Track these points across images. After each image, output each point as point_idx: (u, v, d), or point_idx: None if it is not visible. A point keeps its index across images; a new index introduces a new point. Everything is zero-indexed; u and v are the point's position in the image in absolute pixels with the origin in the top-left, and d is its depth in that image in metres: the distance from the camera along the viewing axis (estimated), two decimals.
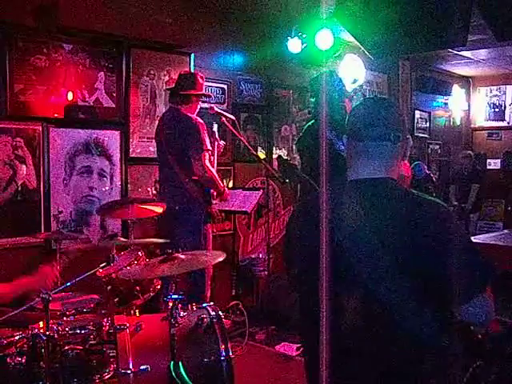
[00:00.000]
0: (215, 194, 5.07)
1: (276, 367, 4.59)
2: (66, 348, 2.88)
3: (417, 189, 2.07)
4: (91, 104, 5.27)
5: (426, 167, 8.85)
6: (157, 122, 5.36)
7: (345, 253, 1.86)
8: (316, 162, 3.97)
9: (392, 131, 1.97)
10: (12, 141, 4.75)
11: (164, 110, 5.47)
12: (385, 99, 2.17)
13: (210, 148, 4.96)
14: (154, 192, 5.68)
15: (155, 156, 5.28)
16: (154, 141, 5.29)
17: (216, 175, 4.97)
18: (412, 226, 1.85)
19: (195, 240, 4.77)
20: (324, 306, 1.90)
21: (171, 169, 4.97)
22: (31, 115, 4.86)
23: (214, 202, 5.13)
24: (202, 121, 4.94)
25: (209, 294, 5.08)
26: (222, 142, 5.45)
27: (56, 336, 2.83)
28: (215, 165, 5.22)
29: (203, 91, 5.18)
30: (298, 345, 5.08)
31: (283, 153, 7.18)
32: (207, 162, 4.82)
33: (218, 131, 5.44)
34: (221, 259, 3.19)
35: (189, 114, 4.92)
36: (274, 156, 7.05)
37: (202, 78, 5.15)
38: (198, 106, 5.14)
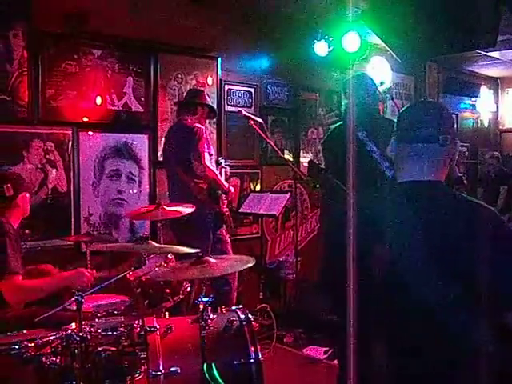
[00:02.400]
0: (223, 195, 5.10)
1: (304, 370, 4.60)
2: (99, 349, 2.91)
3: None
4: (120, 108, 5.34)
5: (457, 169, 8.78)
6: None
7: (397, 255, 1.86)
8: (343, 163, 3.95)
9: (441, 133, 1.96)
10: (43, 145, 4.83)
11: None
12: (434, 102, 2.16)
13: (212, 152, 5.03)
14: None
15: None
16: None
17: (218, 175, 5.01)
18: (466, 230, 1.84)
19: (203, 245, 4.74)
20: (351, 302, 1.91)
21: (177, 174, 5.06)
22: (62, 120, 4.95)
23: (225, 206, 5.15)
24: (202, 127, 5.01)
25: (234, 298, 5.10)
26: (228, 169, 5.52)
27: (88, 337, 2.86)
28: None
29: (210, 105, 5.30)
30: (326, 348, 5.08)
31: (310, 156, 7.18)
32: (207, 162, 4.87)
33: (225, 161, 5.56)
34: (250, 265, 3.18)
35: (191, 122, 5.01)
36: (302, 159, 7.06)
37: (208, 95, 5.34)
38: (205, 122, 5.29)
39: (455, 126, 2.08)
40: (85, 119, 5.10)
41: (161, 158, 5.58)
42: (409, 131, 2.00)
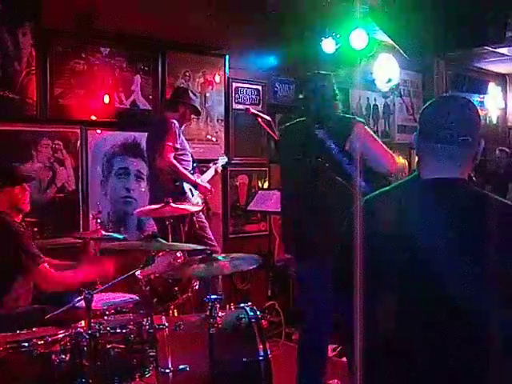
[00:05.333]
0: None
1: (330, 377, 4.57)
2: (108, 347, 2.92)
3: None
4: (128, 106, 5.35)
5: None
6: (190, 124, 5.54)
7: (423, 253, 1.85)
8: (298, 161, 3.89)
9: (461, 135, 1.91)
10: (52, 144, 4.85)
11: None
12: (458, 98, 2.05)
13: (178, 146, 4.93)
14: None
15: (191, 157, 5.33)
16: (189, 142, 5.34)
17: (180, 168, 4.88)
18: (490, 227, 1.82)
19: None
20: (358, 300, 1.91)
21: (150, 167, 5.08)
22: (70, 118, 4.97)
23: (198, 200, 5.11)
24: (176, 122, 4.96)
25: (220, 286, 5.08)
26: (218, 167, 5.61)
27: (98, 335, 2.87)
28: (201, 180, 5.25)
29: (192, 104, 5.22)
30: (334, 345, 5.08)
31: None
32: (170, 155, 4.80)
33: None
34: (257, 265, 3.16)
35: (167, 117, 5.00)
36: None
37: (194, 94, 5.30)
38: (188, 121, 5.29)
39: (480, 124, 2.00)
40: (93, 117, 5.12)
41: None
42: (430, 131, 1.96)
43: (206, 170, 5.46)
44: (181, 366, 3.05)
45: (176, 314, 3.71)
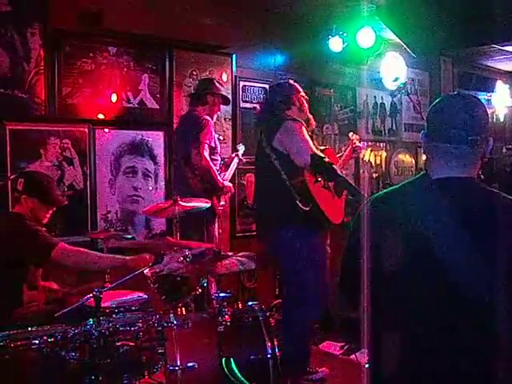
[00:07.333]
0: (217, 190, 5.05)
1: (320, 366, 4.60)
2: (117, 344, 2.94)
3: None
4: (136, 105, 5.36)
5: None
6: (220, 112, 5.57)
7: (435, 251, 1.84)
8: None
9: (470, 135, 1.91)
10: (60, 142, 4.87)
11: None
12: (466, 96, 2.02)
13: (213, 145, 4.98)
14: None
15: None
16: None
17: (214, 170, 4.93)
18: (501, 224, 1.81)
19: (197, 239, 4.71)
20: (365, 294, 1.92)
21: (179, 165, 5.08)
22: (78, 117, 4.98)
23: (222, 202, 5.13)
24: (210, 120, 4.98)
25: None
26: (240, 157, 5.54)
27: (107, 333, 2.89)
28: (228, 175, 5.29)
29: (220, 93, 5.22)
30: (342, 343, 5.09)
31: None
32: (205, 153, 4.83)
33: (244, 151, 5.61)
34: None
35: (201, 112, 5.01)
36: None
37: (219, 82, 5.33)
38: (218, 111, 5.26)
39: (488, 122, 1.99)
40: (101, 116, 5.13)
41: None
42: (438, 130, 1.96)
43: (229, 162, 5.44)
44: (189, 364, 3.07)
45: (184, 312, 3.72)
